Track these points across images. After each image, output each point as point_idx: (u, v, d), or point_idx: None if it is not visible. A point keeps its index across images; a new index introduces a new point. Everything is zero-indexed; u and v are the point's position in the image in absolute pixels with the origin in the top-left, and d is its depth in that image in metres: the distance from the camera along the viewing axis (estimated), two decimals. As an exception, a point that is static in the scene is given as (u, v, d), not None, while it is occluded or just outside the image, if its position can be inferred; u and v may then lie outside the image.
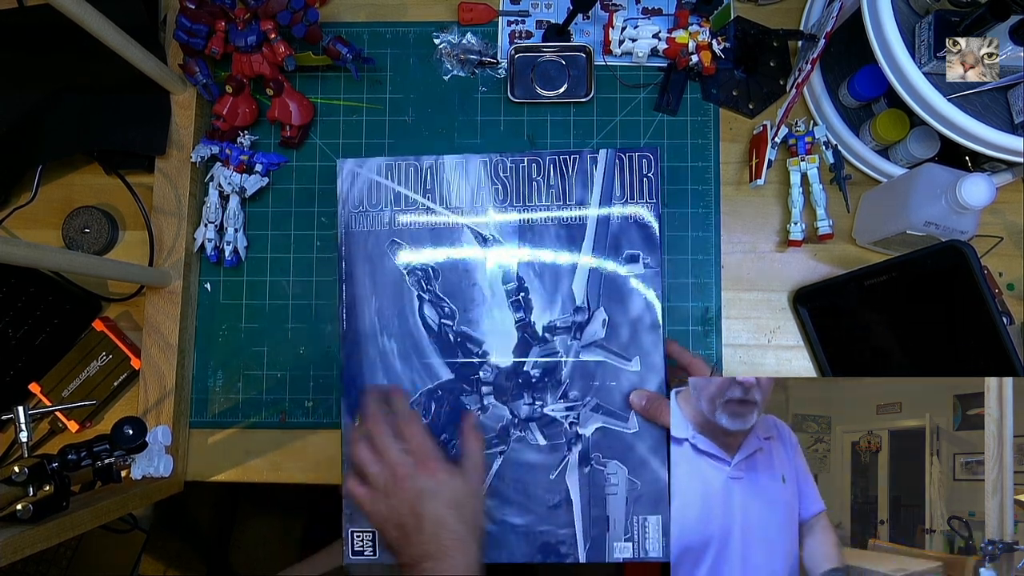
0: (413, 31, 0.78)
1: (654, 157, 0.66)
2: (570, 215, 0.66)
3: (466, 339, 0.65)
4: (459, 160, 0.67)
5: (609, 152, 0.66)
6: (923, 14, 0.61)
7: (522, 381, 0.65)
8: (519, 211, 0.66)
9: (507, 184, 0.66)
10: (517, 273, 0.66)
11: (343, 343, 0.66)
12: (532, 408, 0.65)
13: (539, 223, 0.66)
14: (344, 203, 0.66)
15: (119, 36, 0.62)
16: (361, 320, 0.66)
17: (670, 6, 0.76)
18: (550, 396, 0.65)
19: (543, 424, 0.65)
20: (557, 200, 0.66)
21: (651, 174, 0.66)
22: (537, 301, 0.65)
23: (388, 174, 0.67)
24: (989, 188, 0.58)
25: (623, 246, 0.65)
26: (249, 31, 0.69)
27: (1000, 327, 0.56)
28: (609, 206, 0.65)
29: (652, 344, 0.63)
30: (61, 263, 0.61)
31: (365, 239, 0.66)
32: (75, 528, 0.57)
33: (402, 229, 0.66)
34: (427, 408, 0.65)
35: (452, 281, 0.66)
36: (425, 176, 0.67)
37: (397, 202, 0.66)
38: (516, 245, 0.66)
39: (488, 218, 0.66)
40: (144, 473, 0.66)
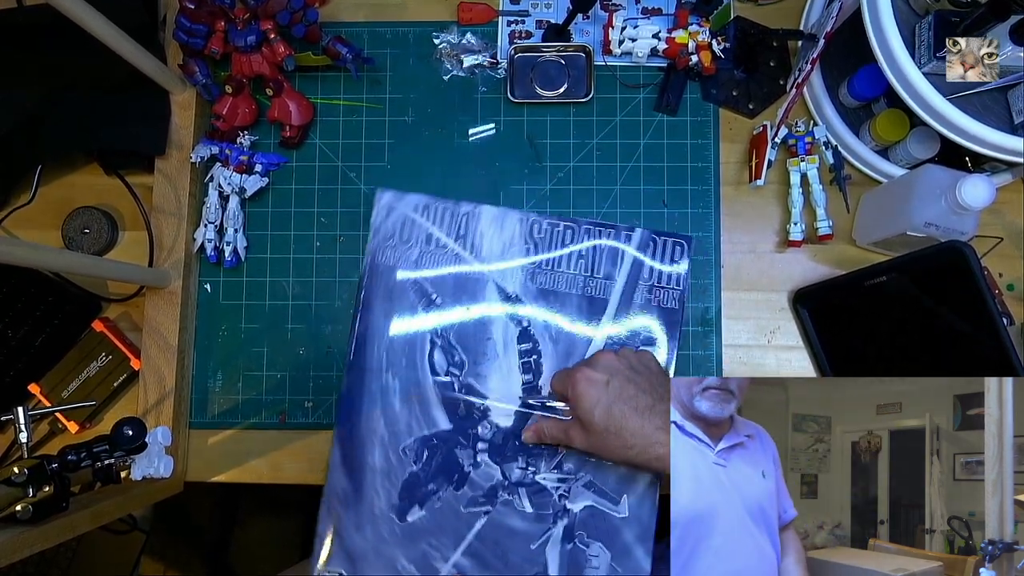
0: (413, 31, 0.78)
1: (687, 245, 0.66)
2: (595, 290, 0.66)
3: (471, 391, 0.65)
4: (497, 213, 0.67)
5: (644, 232, 0.67)
6: (923, 14, 0.61)
7: (519, 444, 0.64)
8: (546, 274, 0.66)
9: (540, 245, 0.67)
10: (533, 335, 0.65)
11: (347, 373, 0.65)
12: (524, 473, 0.64)
13: (563, 290, 0.66)
14: (376, 233, 0.66)
15: (119, 36, 0.61)
16: (369, 354, 0.65)
17: (670, 6, 0.76)
18: (544, 464, 0.64)
19: (532, 491, 0.64)
20: (585, 272, 0.66)
21: (682, 259, 0.66)
22: (547, 366, 0.65)
23: (425, 213, 0.67)
24: (989, 189, 0.58)
25: (640, 331, 0.65)
26: (249, 31, 0.69)
27: (1000, 327, 0.56)
28: (633, 287, 0.66)
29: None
30: (61, 264, 0.61)
31: (389, 274, 0.66)
32: (75, 529, 0.57)
33: (428, 270, 0.66)
34: (419, 455, 0.64)
35: (467, 332, 0.65)
36: (461, 222, 0.67)
37: (428, 242, 0.66)
38: (537, 307, 0.65)
39: (514, 275, 0.66)
40: (144, 474, 0.66)
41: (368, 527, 0.64)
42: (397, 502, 0.64)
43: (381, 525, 0.64)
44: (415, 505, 0.64)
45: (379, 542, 0.64)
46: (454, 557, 0.63)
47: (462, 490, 0.64)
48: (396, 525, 0.64)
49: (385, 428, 0.65)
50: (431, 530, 0.64)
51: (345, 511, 0.65)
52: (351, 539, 0.64)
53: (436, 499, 0.64)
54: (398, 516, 0.64)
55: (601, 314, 0.65)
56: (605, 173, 0.75)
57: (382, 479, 0.65)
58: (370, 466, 0.65)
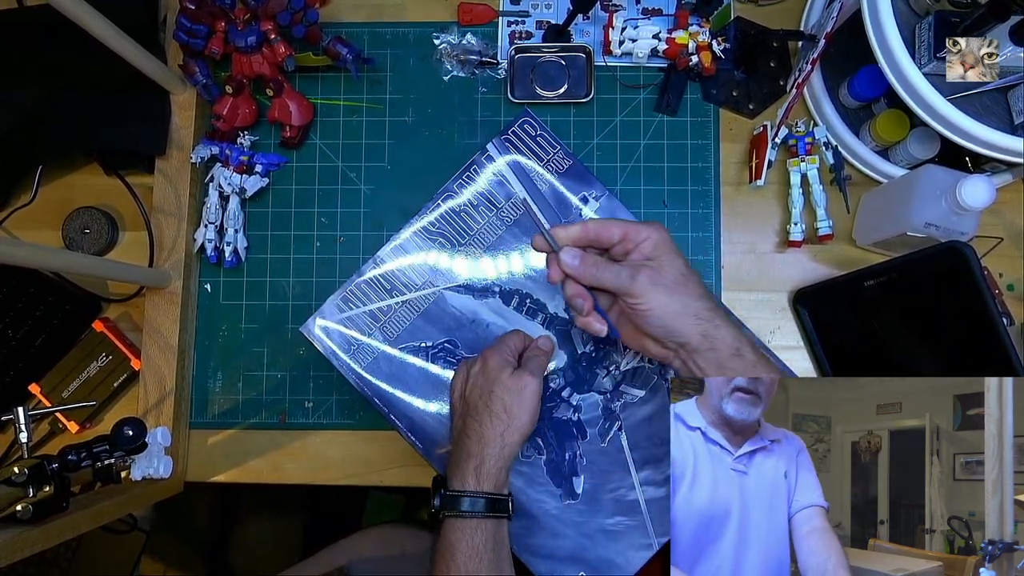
0: (413, 31, 0.78)
1: (531, 118, 0.69)
2: (511, 213, 0.68)
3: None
4: (393, 248, 0.68)
5: (495, 142, 0.69)
6: (923, 14, 0.61)
7: (586, 363, 0.66)
8: (470, 244, 0.68)
9: (446, 233, 0.68)
10: (511, 288, 0.68)
11: (430, 461, 0.67)
12: (612, 375, 0.66)
13: (493, 239, 0.68)
14: (335, 357, 0.67)
15: (119, 36, 0.62)
16: (427, 428, 0.67)
17: (670, 6, 0.76)
18: (616, 355, 0.66)
19: (631, 380, 0.66)
20: (490, 211, 0.68)
21: (540, 133, 0.69)
22: (543, 295, 0.67)
23: (349, 306, 0.68)
24: (989, 189, 0.58)
25: (568, 199, 0.68)
26: (249, 31, 0.69)
27: (1000, 327, 0.56)
28: (531, 182, 0.67)
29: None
30: (61, 264, 0.61)
31: (377, 366, 0.67)
32: (75, 529, 0.57)
33: (399, 333, 0.67)
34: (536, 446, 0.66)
35: (470, 337, 0.67)
36: (379, 282, 0.68)
37: (376, 319, 0.68)
38: (494, 268, 0.68)
39: (456, 270, 0.68)
40: (144, 474, 0.66)
41: (561, 527, 0.65)
42: (559, 490, 0.66)
43: (568, 516, 0.65)
44: (572, 478, 0.66)
45: (578, 526, 0.65)
46: (634, 479, 0.65)
47: (591, 433, 0.66)
48: (576, 505, 0.65)
49: None
50: (602, 479, 0.65)
51: (534, 535, 0.65)
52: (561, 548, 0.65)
53: (581, 459, 0.65)
54: (571, 497, 0.66)
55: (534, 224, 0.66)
56: (605, 173, 0.75)
57: (533, 489, 0.66)
58: (516, 492, 0.64)
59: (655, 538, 0.64)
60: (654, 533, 0.64)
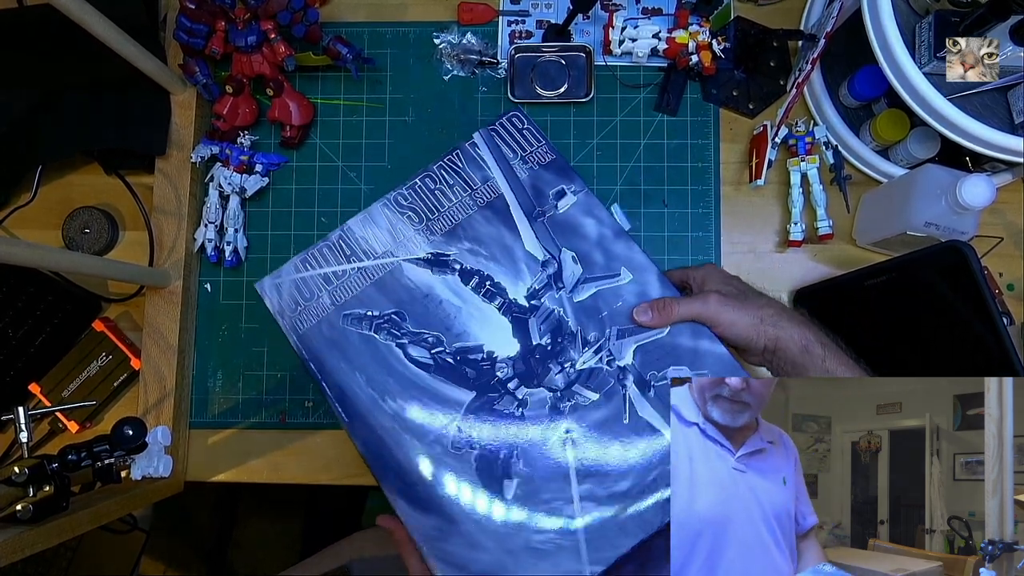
0: (413, 31, 0.78)
1: (520, 114, 0.67)
2: (485, 195, 0.66)
3: (465, 353, 0.63)
4: (362, 217, 0.66)
5: (482, 132, 0.67)
6: (923, 14, 0.61)
7: (539, 356, 0.62)
8: (439, 220, 0.65)
9: (416, 208, 0.66)
10: (472, 268, 0.64)
11: (352, 435, 0.62)
12: (565, 373, 0.61)
13: (464, 219, 0.65)
14: (282, 315, 0.64)
15: (119, 36, 0.62)
16: (357, 401, 0.62)
17: (670, 6, 0.76)
18: (573, 352, 0.62)
19: (585, 380, 0.61)
20: (464, 191, 0.66)
21: (527, 127, 0.67)
22: (505, 280, 0.64)
23: (306, 267, 0.65)
24: (989, 189, 0.58)
25: (545, 190, 0.65)
26: (249, 31, 0.69)
27: (1000, 327, 0.56)
28: (510, 168, 0.66)
29: (627, 248, 0.62)
30: (61, 263, 0.61)
31: (319, 329, 0.63)
32: (75, 529, 0.57)
33: (348, 299, 0.64)
34: (470, 438, 0.61)
35: (420, 312, 0.63)
36: (340, 247, 0.65)
37: (328, 282, 0.65)
38: (454, 247, 0.65)
39: (418, 245, 0.65)
40: (144, 473, 0.66)
41: (482, 536, 0.59)
42: (487, 490, 0.59)
43: (491, 523, 0.59)
44: (503, 480, 0.60)
45: (501, 539, 0.58)
46: (573, 491, 0.59)
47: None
48: (504, 511, 0.59)
49: (423, 445, 0.61)
50: (536, 487, 0.59)
51: (450, 541, 0.59)
52: (477, 562, 0.58)
53: (517, 460, 0.60)
54: (499, 500, 0.59)
55: (507, 209, 0.65)
56: (605, 173, 0.75)
57: (459, 487, 0.60)
58: (437, 485, 0.60)
59: (588, 566, 0.55)
60: (587, 560, 0.56)
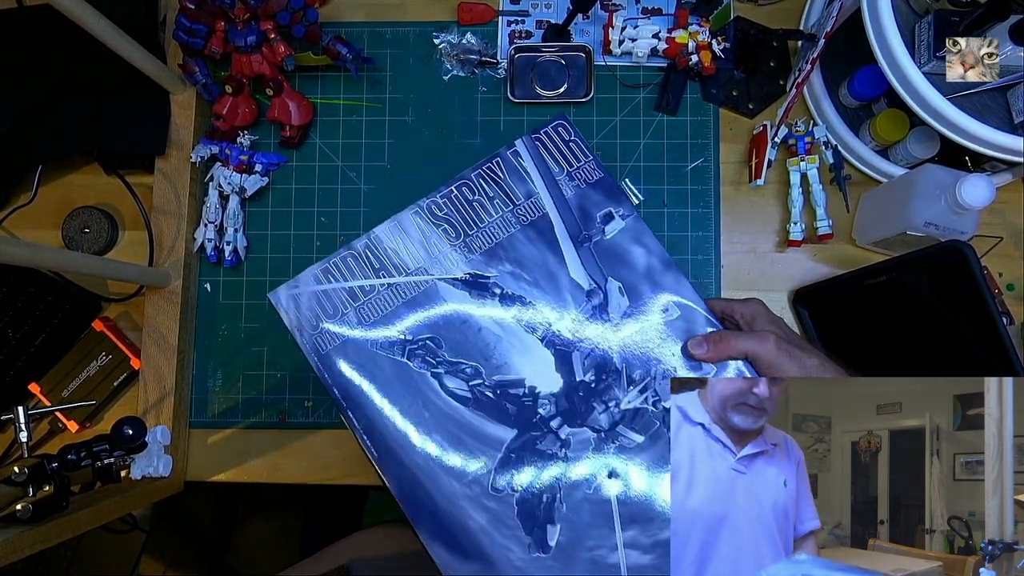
0: (413, 31, 0.78)
1: (566, 123, 0.62)
2: (529, 213, 0.60)
3: (506, 387, 0.58)
4: (392, 225, 0.60)
5: (525, 140, 0.62)
6: (923, 14, 0.61)
7: (583, 393, 0.57)
8: (478, 236, 0.60)
9: (453, 220, 0.60)
10: (514, 294, 0.59)
11: (383, 472, 0.57)
12: (609, 412, 0.57)
13: (504, 236, 0.60)
14: (300, 332, 0.58)
15: (119, 36, 0.62)
16: (387, 435, 0.57)
17: (670, 6, 0.76)
18: (619, 391, 0.57)
19: (630, 421, 0.57)
20: (506, 206, 0.60)
21: (573, 138, 0.61)
22: (548, 309, 0.58)
23: (328, 278, 0.59)
24: (989, 188, 0.58)
25: (593, 212, 0.60)
26: (249, 31, 0.69)
27: (1000, 327, 0.55)
28: (556, 185, 0.61)
29: (675, 281, 0.57)
30: (61, 263, 0.61)
31: (344, 351, 0.58)
32: (75, 528, 0.57)
33: (377, 319, 0.58)
34: (511, 481, 0.56)
35: (458, 340, 0.58)
36: (367, 257, 0.60)
37: (355, 297, 0.59)
38: (494, 268, 0.60)
39: (455, 263, 0.59)
40: (144, 473, 0.66)
41: None
42: (528, 538, 0.56)
43: (533, 572, 0.55)
44: (546, 526, 0.56)
45: None
46: (618, 538, 0.56)
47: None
48: (546, 560, 0.56)
49: (461, 486, 0.57)
50: (580, 533, 0.56)
51: None
52: None
53: (560, 505, 0.56)
54: (541, 549, 0.56)
55: (551, 229, 0.60)
56: (605, 173, 0.75)
57: (499, 531, 0.56)
58: (478, 530, 0.56)
59: None
60: None
